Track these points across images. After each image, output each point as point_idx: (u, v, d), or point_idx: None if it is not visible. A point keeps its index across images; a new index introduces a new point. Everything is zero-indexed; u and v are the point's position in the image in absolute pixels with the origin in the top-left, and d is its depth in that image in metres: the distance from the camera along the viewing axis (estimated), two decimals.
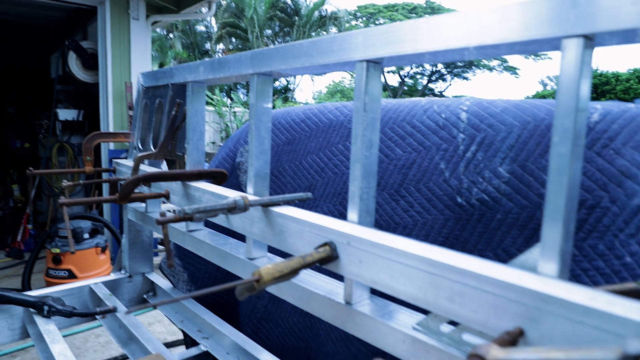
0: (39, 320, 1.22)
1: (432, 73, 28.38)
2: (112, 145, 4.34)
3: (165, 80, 1.26)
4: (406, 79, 28.66)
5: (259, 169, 0.93)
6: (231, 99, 14.72)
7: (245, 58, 0.93)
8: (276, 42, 22.95)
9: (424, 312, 0.64)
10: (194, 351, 1.26)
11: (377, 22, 27.90)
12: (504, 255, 0.76)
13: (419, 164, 0.86)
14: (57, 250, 3.24)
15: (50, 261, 3.29)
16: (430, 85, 28.76)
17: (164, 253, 1.35)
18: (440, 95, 27.88)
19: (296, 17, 21.40)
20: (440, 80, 28.97)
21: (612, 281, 0.62)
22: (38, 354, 1.16)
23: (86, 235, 3.34)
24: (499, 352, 0.39)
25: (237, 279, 1.40)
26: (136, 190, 1.32)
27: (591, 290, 0.44)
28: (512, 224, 0.72)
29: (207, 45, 23.62)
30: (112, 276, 1.57)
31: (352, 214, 0.71)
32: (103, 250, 3.49)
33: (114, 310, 1.29)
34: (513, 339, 0.45)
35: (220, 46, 23.05)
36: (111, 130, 4.30)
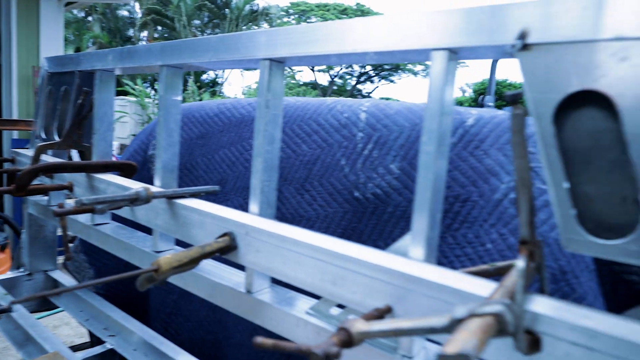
0: None
1: (361, 74, 29.17)
2: (15, 134, 3.98)
3: (72, 67, 1.21)
4: (336, 79, 29.18)
5: (166, 162, 0.93)
6: (155, 90, 14.08)
7: (155, 49, 0.92)
8: (205, 33, 22.28)
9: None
10: (98, 349, 1.22)
11: (309, 20, 28.10)
12: None
13: (323, 160, 0.91)
14: None
15: None
16: (358, 86, 29.54)
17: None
18: (368, 96, 28.74)
19: (227, 10, 20.94)
20: (368, 82, 29.85)
21: (478, 265, 0.71)
22: None
23: None
24: (362, 325, 0.44)
25: (133, 267, 1.37)
26: (38, 182, 1.25)
27: (446, 270, 0.51)
28: (401, 216, 0.80)
29: (131, 32, 22.35)
30: (9, 274, 1.47)
31: (254, 206, 0.75)
32: (2, 248, 3.20)
33: (8, 310, 1.21)
34: (380, 314, 0.51)
35: (145, 34, 21.91)
36: (15, 117, 3.94)
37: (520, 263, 0.41)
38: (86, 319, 1.35)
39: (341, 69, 28.15)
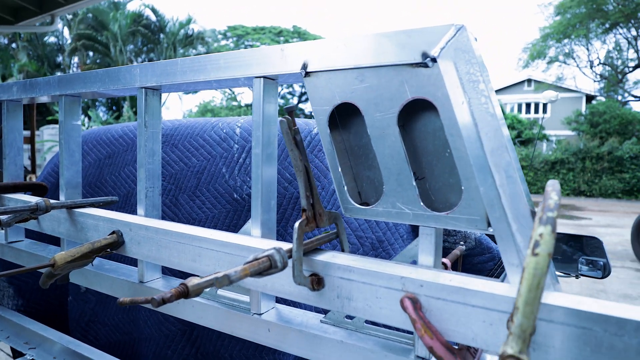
0: None
1: (302, 94, 29.68)
2: None
3: None
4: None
5: (69, 179, 1.05)
6: (89, 117, 13.66)
7: (54, 81, 1.05)
8: (140, 58, 21.90)
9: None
10: None
11: (246, 43, 28.39)
12: None
13: (209, 170, 1.08)
14: None
15: None
16: (300, 105, 30.00)
17: None
18: (310, 115, 29.26)
19: (161, 34, 20.76)
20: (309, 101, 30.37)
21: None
22: None
23: None
24: (195, 280, 0.60)
25: (65, 287, 1.46)
26: None
27: (266, 240, 0.69)
28: None
29: (60, 58, 21.52)
30: None
31: (140, 209, 0.89)
32: None
33: None
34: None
35: (76, 59, 21.19)
36: None
37: (296, 224, 0.59)
38: (7, 336, 1.41)
39: (282, 88, 28.51)
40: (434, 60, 0.54)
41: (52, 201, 0.93)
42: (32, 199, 1.03)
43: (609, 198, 18.11)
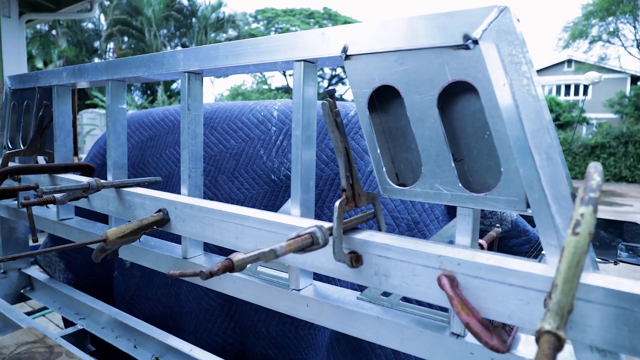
0: None
1: (332, 77, 29.50)
2: None
3: (32, 84, 1.37)
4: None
5: (116, 160, 1.11)
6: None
7: (101, 66, 1.10)
8: (172, 43, 22.24)
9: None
10: (70, 329, 1.38)
11: (276, 26, 28.33)
12: None
13: (247, 152, 1.11)
14: None
15: None
16: (330, 87, 29.80)
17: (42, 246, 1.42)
18: (341, 98, 29.09)
19: (193, 18, 20.97)
20: (340, 84, 30.20)
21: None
22: None
23: None
24: (240, 255, 0.64)
25: (111, 262, 1.54)
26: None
27: (308, 220, 0.71)
28: None
29: (97, 44, 22.12)
30: None
31: (184, 189, 0.94)
32: None
33: None
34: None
35: (112, 45, 21.73)
36: None
37: (337, 203, 0.61)
38: (59, 307, 1.51)
39: None
40: (475, 42, 0.54)
41: (102, 181, 0.99)
42: (83, 179, 1.09)
43: None
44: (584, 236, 0.38)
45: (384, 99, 0.68)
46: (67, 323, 1.65)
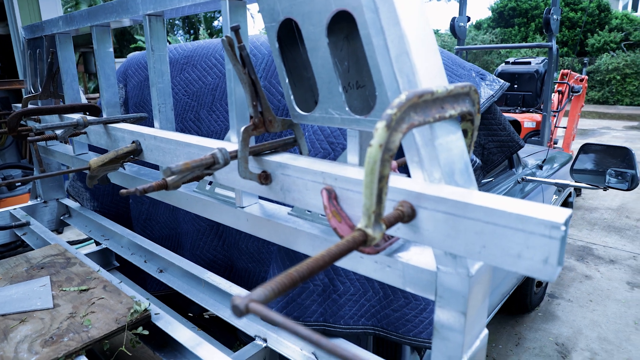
0: None
1: None
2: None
3: (39, 33, 1.51)
4: None
5: (108, 99, 1.24)
6: (169, 42, 14.31)
7: (84, 13, 1.20)
8: None
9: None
10: (96, 248, 1.62)
11: None
12: None
13: (221, 86, 1.20)
14: None
15: None
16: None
17: (70, 179, 1.65)
18: None
19: None
20: None
21: None
22: None
23: (18, 183, 3.55)
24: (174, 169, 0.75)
25: (119, 188, 1.73)
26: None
27: (219, 141, 0.81)
28: None
29: None
30: (29, 203, 1.88)
31: (156, 122, 1.05)
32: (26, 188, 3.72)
33: (27, 223, 1.62)
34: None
35: None
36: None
37: (242, 127, 0.70)
38: (89, 230, 1.75)
39: None
40: None
41: (89, 117, 1.13)
42: (79, 117, 1.24)
43: None
44: (375, 147, 0.45)
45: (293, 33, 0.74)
46: (97, 243, 1.92)
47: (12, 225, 1.60)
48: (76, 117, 1.21)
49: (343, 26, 0.68)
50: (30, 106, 1.55)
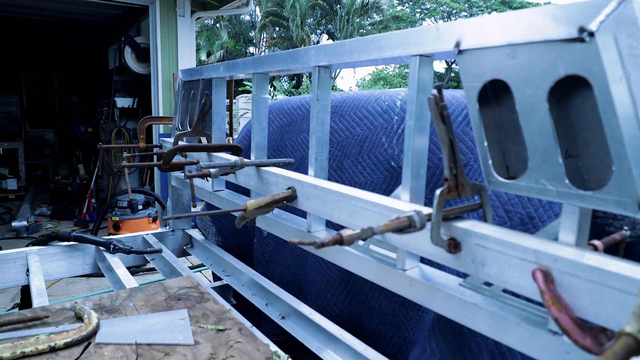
0: (107, 255, 1.66)
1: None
2: (161, 129, 4.88)
3: (197, 76, 1.64)
4: (453, 65, 28.12)
5: (258, 142, 1.29)
6: (274, 87, 15.28)
7: (249, 62, 1.28)
8: (318, 31, 23.22)
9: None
10: (218, 283, 1.65)
11: (422, 7, 27.51)
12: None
13: (370, 139, 1.19)
14: (117, 218, 3.80)
15: (111, 227, 3.86)
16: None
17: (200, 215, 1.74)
18: None
19: (338, 6, 21.55)
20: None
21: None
22: (107, 280, 1.58)
23: (140, 207, 3.87)
24: (349, 231, 0.72)
25: (251, 229, 1.77)
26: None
27: (410, 204, 0.76)
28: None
29: (252, 34, 24.25)
30: (160, 230, 2.00)
31: (311, 170, 1.06)
32: (154, 220, 4.02)
33: (159, 251, 1.71)
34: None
35: (265, 35, 23.60)
36: (161, 115, 4.83)
37: (438, 191, 0.65)
38: (211, 264, 1.81)
39: None
40: (591, 34, 0.53)
41: (245, 160, 1.17)
42: (232, 158, 1.29)
43: None
44: None
45: (498, 92, 0.69)
46: (215, 277, 1.97)
47: (147, 251, 1.70)
48: (233, 158, 1.26)
49: (555, 90, 0.62)
50: (180, 143, 1.67)
